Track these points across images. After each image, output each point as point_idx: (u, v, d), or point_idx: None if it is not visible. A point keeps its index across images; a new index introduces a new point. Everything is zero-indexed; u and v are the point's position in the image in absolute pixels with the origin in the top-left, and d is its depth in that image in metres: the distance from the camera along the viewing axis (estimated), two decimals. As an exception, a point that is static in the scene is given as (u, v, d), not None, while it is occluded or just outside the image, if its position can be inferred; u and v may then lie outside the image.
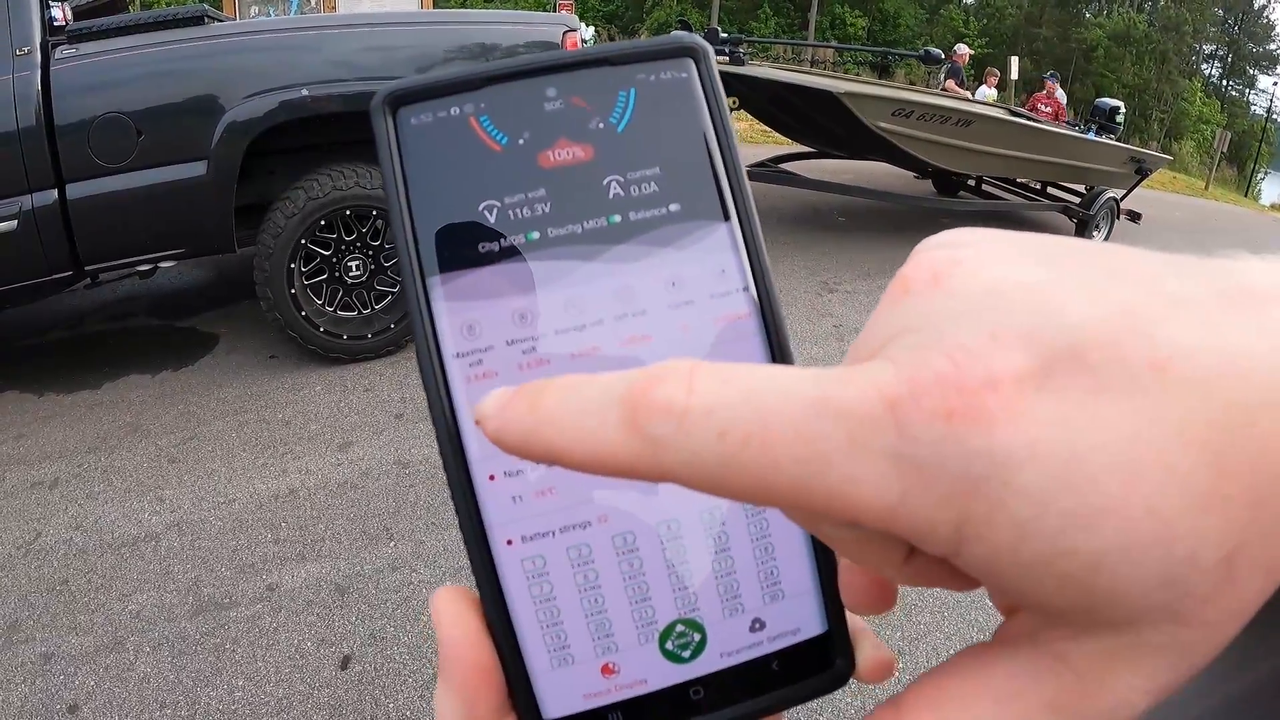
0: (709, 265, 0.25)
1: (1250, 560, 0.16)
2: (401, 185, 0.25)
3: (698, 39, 0.27)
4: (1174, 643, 0.16)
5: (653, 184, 0.25)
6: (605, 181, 0.25)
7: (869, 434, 0.16)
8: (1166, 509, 0.15)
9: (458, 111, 0.25)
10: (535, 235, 0.25)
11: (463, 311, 0.24)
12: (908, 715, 0.19)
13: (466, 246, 0.24)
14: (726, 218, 0.26)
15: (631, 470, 0.18)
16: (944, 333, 0.17)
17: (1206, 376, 0.15)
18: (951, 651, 0.23)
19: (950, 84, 10.23)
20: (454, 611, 0.24)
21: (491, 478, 0.24)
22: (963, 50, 11.25)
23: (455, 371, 0.24)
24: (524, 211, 0.25)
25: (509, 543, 0.24)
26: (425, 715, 2.10)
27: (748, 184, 0.26)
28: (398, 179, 0.25)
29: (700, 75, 0.27)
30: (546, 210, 0.25)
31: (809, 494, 0.16)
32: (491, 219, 0.25)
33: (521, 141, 0.25)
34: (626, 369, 0.24)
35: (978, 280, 0.18)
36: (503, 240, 0.25)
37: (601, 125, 0.25)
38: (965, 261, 0.18)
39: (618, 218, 0.25)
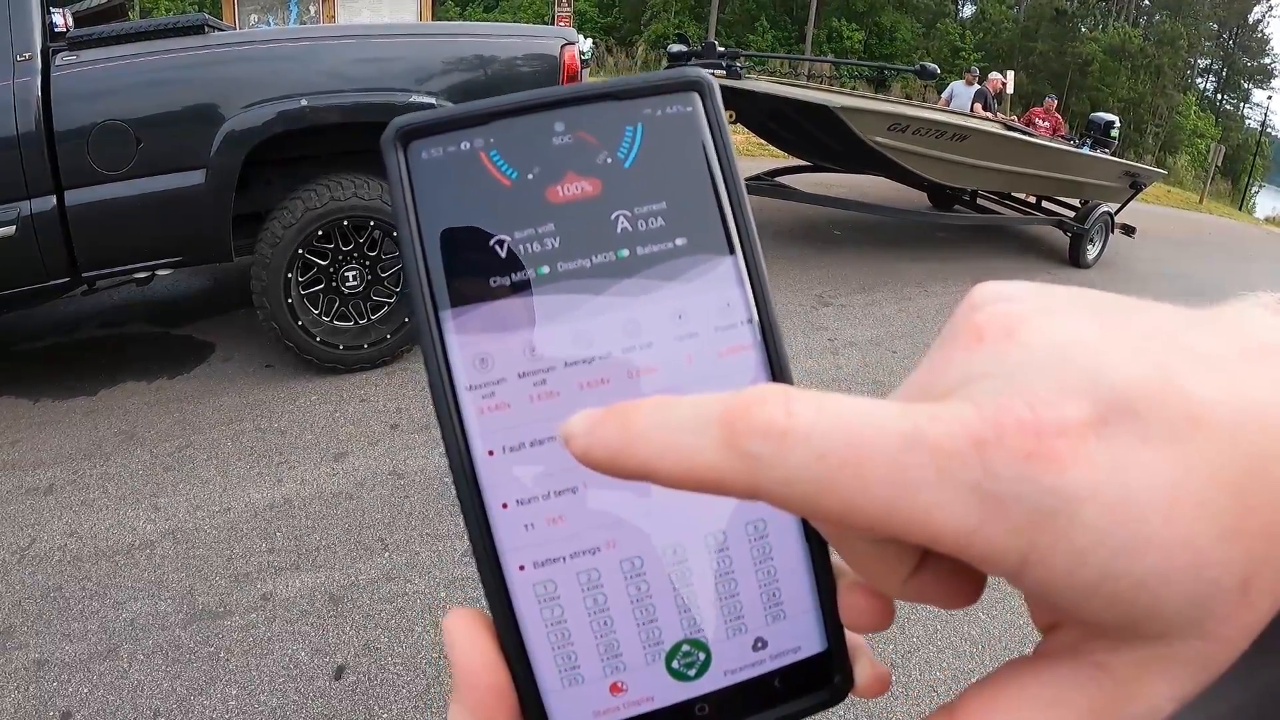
0: (714, 298, 0.26)
1: (1263, 585, 0.18)
2: (414, 219, 0.25)
3: (703, 73, 0.27)
4: (1197, 655, 0.19)
5: (659, 219, 0.26)
6: (613, 216, 0.26)
7: (956, 468, 0.18)
8: (1198, 541, 0.17)
9: (467, 146, 0.25)
10: (545, 270, 0.25)
11: (475, 345, 0.25)
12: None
13: (478, 280, 0.25)
14: (731, 251, 0.26)
15: (724, 486, 0.19)
16: (1020, 382, 0.19)
17: (1233, 428, 0.18)
18: (943, 664, 0.24)
19: (977, 107, 10.11)
20: (468, 634, 0.25)
21: (504, 506, 0.25)
22: (995, 78, 11.01)
23: (468, 403, 0.25)
24: (534, 246, 0.25)
25: (521, 568, 0.25)
26: (419, 726, 2.10)
27: (751, 217, 0.27)
28: (410, 213, 0.25)
29: (705, 109, 0.27)
30: (556, 245, 0.25)
31: (894, 517, 0.18)
32: (502, 253, 0.25)
33: (530, 176, 0.25)
34: (636, 399, 0.25)
35: (1044, 336, 0.20)
36: (513, 274, 0.25)
37: (609, 160, 0.26)
38: (1031, 317, 0.20)
39: (625, 252, 0.25)
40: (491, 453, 0.25)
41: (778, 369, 0.26)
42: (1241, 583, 0.18)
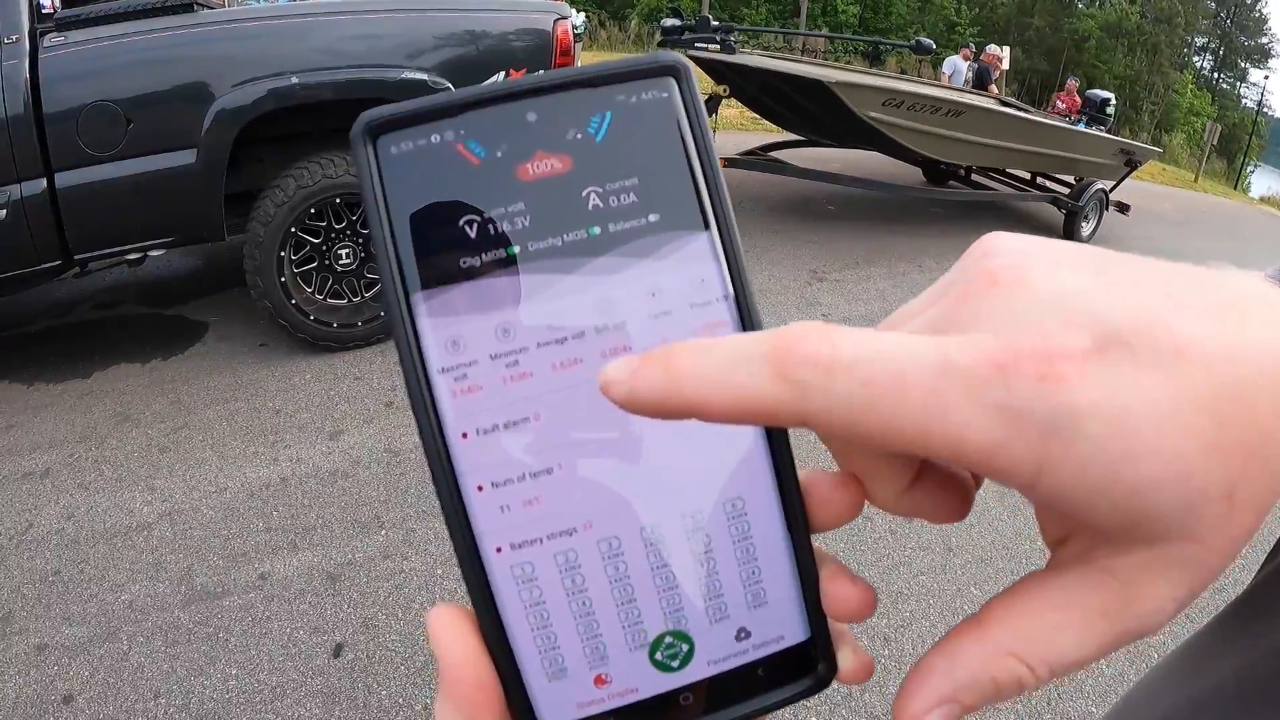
0: (688, 275, 0.25)
1: (1245, 499, 0.21)
2: (382, 203, 0.25)
3: (679, 57, 0.27)
4: (1192, 558, 0.21)
5: (631, 194, 0.25)
6: (584, 193, 0.25)
7: (982, 389, 0.20)
8: (1185, 452, 0.20)
9: (438, 139, 0.25)
10: (516, 249, 0.25)
11: (446, 327, 0.24)
12: (989, 629, 0.23)
13: (448, 262, 0.25)
14: (706, 227, 0.26)
15: (774, 414, 0.21)
16: (1032, 318, 0.21)
17: (1210, 360, 0.20)
18: (936, 638, 0.24)
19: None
20: (452, 630, 0.25)
21: (480, 488, 0.25)
22: (993, 50, 11.01)
23: (441, 386, 0.24)
24: (504, 225, 0.25)
25: (498, 550, 0.25)
26: (418, 702, 2.11)
27: (727, 194, 0.26)
28: (378, 198, 0.25)
29: (681, 93, 0.26)
30: (526, 224, 0.25)
31: (930, 436, 0.20)
32: (472, 234, 0.25)
33: (499, 154, 0.25)
34: None
35: (1049, 283, 0.22)
36: (484, 255, 0.25)
37: (579, 136, 0.25)
38: (1036, 267, 0.23)
39: (597, 229, 0.25)
40: (465, 435, 0.25)
41: None
42: (1226, 493, 0.20)
